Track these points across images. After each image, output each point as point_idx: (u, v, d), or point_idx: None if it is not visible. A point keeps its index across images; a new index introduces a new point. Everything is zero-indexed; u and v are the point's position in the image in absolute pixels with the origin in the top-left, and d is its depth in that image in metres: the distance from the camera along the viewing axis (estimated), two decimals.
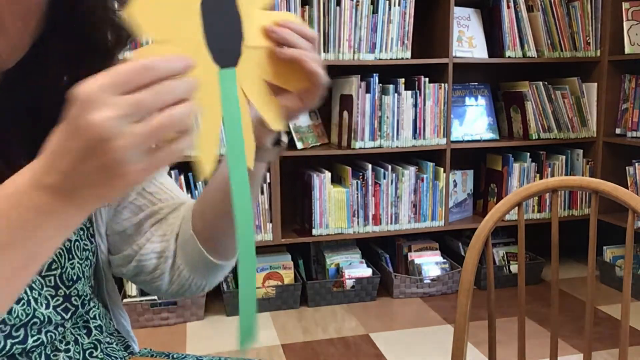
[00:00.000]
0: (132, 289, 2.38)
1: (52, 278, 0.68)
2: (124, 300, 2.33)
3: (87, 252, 0.72)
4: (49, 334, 0.68)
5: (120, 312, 0.84)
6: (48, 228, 0.44)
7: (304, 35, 0.58)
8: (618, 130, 2.84)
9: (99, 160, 0.41)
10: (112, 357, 0.77)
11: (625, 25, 2.71)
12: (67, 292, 0.70)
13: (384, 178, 2.58)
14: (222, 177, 0.69)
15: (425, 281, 2.65)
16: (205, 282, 0.79)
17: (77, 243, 0.71)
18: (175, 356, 0.88)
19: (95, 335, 0.76)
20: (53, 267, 0.68)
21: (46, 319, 0.67)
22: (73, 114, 0.40)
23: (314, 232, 2.52)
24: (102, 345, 0.76)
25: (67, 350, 0.71)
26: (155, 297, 2.37)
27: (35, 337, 0.67)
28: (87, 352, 0.74)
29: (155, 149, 0.42)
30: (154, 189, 0.78)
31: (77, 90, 0.40)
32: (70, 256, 0.69)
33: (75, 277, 0.70)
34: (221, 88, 0.51)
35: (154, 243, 0.77)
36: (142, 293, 2.44)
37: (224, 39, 0.52)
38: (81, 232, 0.72)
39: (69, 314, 0.71)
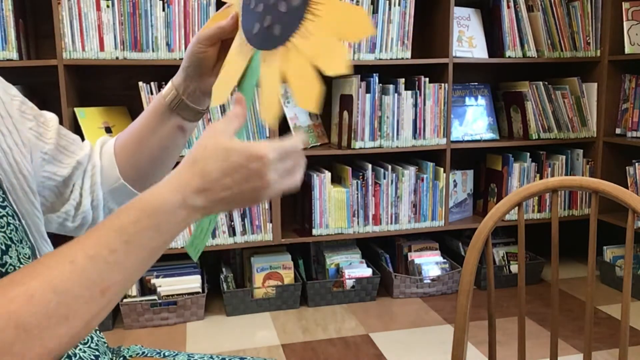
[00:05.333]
0: (132, 289, 2.38)
1: None
2: (124, 300, 2.33)
3: (5, 217, 0.68)
4: None
5: None
6: (185, 227, 0.60)
7: None
8: (618, 130, 2.84)
9: (256, 192, 0.61)
10: None
11: (625, 25, 2.71)
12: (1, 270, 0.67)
13: (384, 178, 2.58)
14: (165, 135, 0.84)
15: (425, 281, 2.65)
16: None
17: None
18: (167, 354, 0.88)
19: None
20: None
21: None
22: (255, 167, 0.59)
23: (314, 232, 2.52)
24: None
25: None
26: (155, 297, 2.38)
27: None
28: None
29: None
30: (64, 142, 0.82)
31: (263, 153, 0.59)
32: None
33: (4, 247, 0.66)
34: (251, 64, 0.68)
35: (87, 198, 0.83)
36: (142, 293, 2.44)
37: (261, 24, 0.67)
38: None
39: None
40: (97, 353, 0.78)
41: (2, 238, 0.67)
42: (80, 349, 0.76)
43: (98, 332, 0.83)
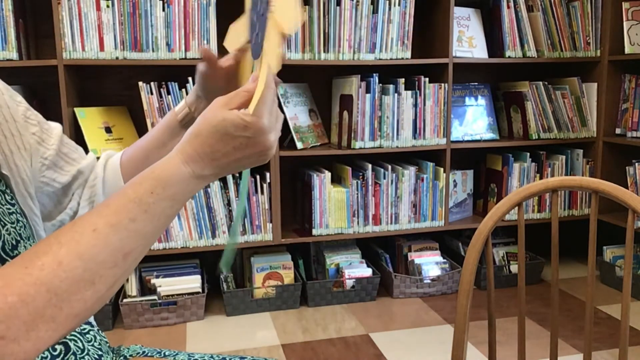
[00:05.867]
0: (132, 289, 2.38)
1: None
2: (124, 300, 2.34)
3: (14, 214, 0.71)
4: None
5: None
6: (195, 193, 0.64)
7: None
8: (618, 130, 2.84)
9: (260, 154, 0.65)
10: None
11: (625, 25, 2.71)
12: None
13: (384, 178, 2.58)
14: (168, 145, 0.85)
15: (425, 281, 2.65)
16: None
17: (0, 209, 0.69)
18: (167, 353, 0.89)
19: None
20: None
21: None
22: (252, 134, 0.63)
23: (314, 232, 2.52)
24: None
25: None
26: (155, 297, 2.38)
27: None
28: None
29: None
30: (66, 150, 0.84)
31: (258, 123, 0.62)
32: (2, 223, 0.68)
33: (14, 242, 0.69)
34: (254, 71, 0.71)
35: (85, 208, 0.85)
36: (142, 293, 2.44)
37: (257, 38, 0.70)
38: None
39: None
40: (100, 352, 0.79)
41: (13, 233, 0.69)
42: (84, 347, 0.77)
43: (100, 331, 0.84)
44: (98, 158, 0.91)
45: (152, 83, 2.33)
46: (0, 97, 0.74)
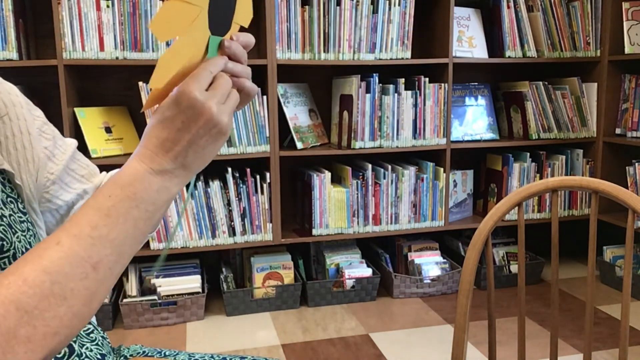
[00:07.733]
0: (132, 289, 2.38)
1: (6, 260, 0.67)
2: (124, 300, 2.34)
3: (25, 223, 0.72)
4: None
5: None
6: (170, 193, 0.62)
7: (247, 45, 0.70)
8: (618, 130, 2.84)
9: (209, 127, 0.61)
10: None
11: (625, 25, 2.71)
12: None
13: (384, 178, 2.58)
14: None
15: (425, 281, 2.65)
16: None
17: (12, 217, 0.70)
18: (167, 353, 0.89)
19: None
20: (5, 249, 0.67)
21: None
22: (186, 106, 0.60)
23: (314, 232, 2.52)
24: None
25: None
26: (155, 297, 2.38)
27: None
28: None
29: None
30: (75, 166, 0.84)
31: (182, 90, 0.60)
32: (13, 230, 0.69)
33: (24, 250, 0.70)
34: (209, 49, 0.66)
35: None
36: (142, 293, 2.44)
37: (221, 13, 0.66)
38: (12, 205, 0.72)
39: None
40: (102, 352, 0.80)
41: (24, 241, 0.69)
42: (87, 348, 0.77)
43: (102, 332, 0.84)
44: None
45: None
46: (19, 110, 0.75)
